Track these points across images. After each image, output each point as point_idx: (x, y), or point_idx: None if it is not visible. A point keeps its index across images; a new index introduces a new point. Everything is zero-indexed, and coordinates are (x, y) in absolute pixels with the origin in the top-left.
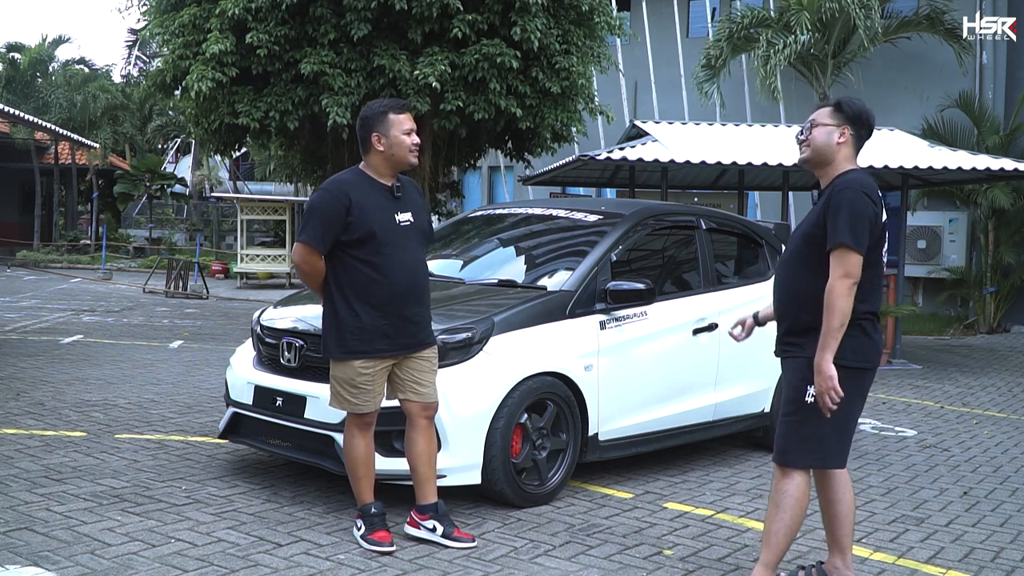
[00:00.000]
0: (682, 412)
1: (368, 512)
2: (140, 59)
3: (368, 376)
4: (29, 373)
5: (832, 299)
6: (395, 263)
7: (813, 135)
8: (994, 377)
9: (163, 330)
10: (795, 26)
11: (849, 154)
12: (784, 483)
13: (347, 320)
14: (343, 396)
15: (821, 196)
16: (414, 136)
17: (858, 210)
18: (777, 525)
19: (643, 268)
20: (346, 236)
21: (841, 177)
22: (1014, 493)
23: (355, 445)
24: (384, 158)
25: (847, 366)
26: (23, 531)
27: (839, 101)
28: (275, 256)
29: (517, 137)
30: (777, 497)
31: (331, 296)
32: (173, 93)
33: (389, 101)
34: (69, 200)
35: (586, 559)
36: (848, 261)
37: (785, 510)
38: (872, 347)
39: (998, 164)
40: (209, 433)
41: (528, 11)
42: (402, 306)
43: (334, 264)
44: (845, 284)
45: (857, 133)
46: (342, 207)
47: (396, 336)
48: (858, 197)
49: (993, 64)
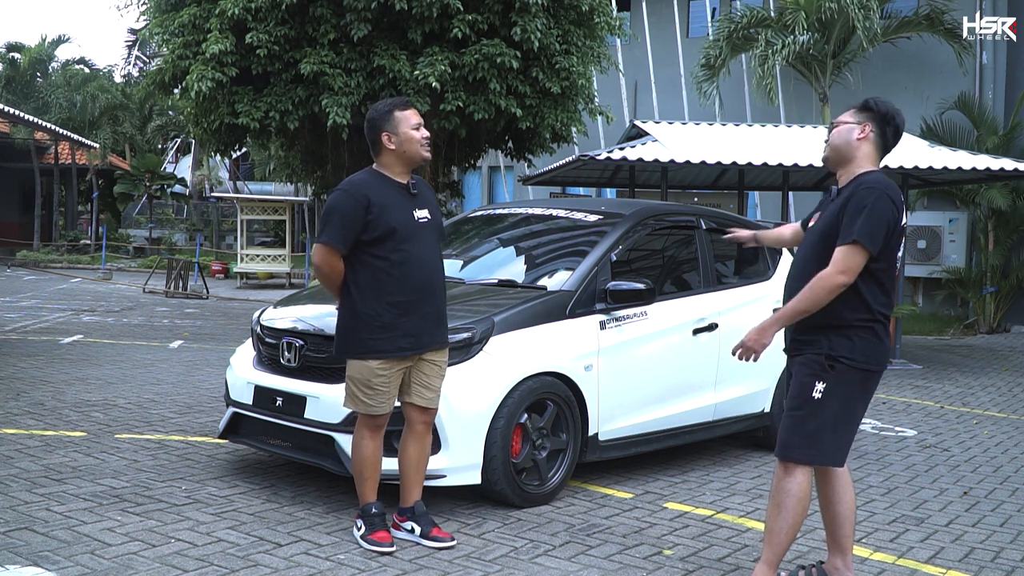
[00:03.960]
0: (682, 412)
1: (369, 512)
2: (140, 59)
3: (384, 377)
4: (29, 373)
5: (818, 287)
6: (415, 259)
7: (833, 134)
8: (994, 377)
9: (163, 330)
10: (794, 26)
11: (870, 153)
12: (786, 481)
13: (368, 319)
14: (358, 397)
15: (839, 194)
16: (423, 130)
17: (879, 212)
18: (779, 524)
19: (643, 268)
20: (366, 235)
21: (865, 176)
22: (1014, 493)
23: (364, 446)
24: (397, 156)
25: (856, 367)
26: (23, 531)
27: (866, 100)
28: (275, 256)
29: (517, 137)
30: (779, 495)
31: (350, 296)
32: (173, 92)
33: (392, 100)
34: (69, 200)
35: (586, 559)
36: (853, 259)
37: (787, 508)
38: (882, 350)
39: (998, 164)
40: (209, 433)
41: (528, 11)
42: (422, 302)
43: (353, 264)
44: (838, 280)
45: (880, 131)
46: (361, 207)
47: (418, 334)
48: (882, 199)
49: (993, 64)
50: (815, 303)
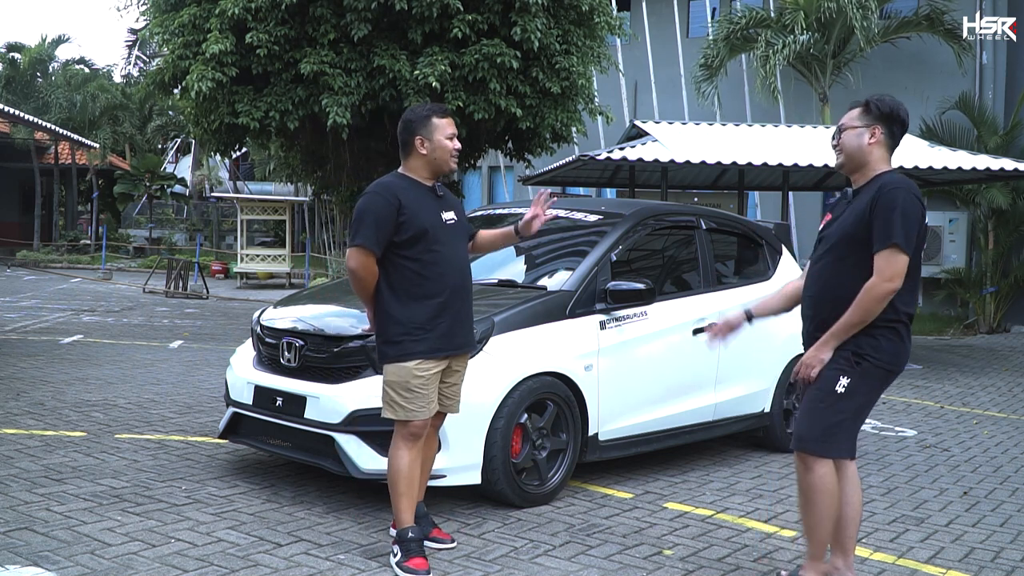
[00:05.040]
0: (682, 412)
1: (405, 537)
2: (140, 59)
3: (423, 379)
4: (29, 373)
5: (868, 298)
6: (445, 260)
7: (843, 139)
8: (994, 377)
9: (163, 330)
10: (793, 26)
11: (883, 154)
12: (809, 477)
13: (403, 321)
14: (397, 402)
15: (857, 195)
16: (456, 141)
17: (909, 212)
18: (813, 519)
19: (643, 268)
20: (398, 236)
21: (886, 177)
22: (1014, 493)
23: (399, 457)
24: (426, 161)
25: (880, 366)
26: (23, 531)
27: (868, 100)
28: (275, 256)
29: (517, 137)
30: (806, 492)
31: (383, 299)
32: (173, 92)
33: (432, 105)
34: (69, 200)
35: (586, 559)
36: (897, 263)
37: (816, 503)
38: (904, 351)
39: (998, 164)
40: (209, 433)
41: (528, 11)
42: (453, 303)
43: (385, 267)
44: (888, 288)
45: (889, 131)
46: (392, 208)
47: (451, 335)
48: (909, 199)
49: (993, 64)
50: (869, 313)
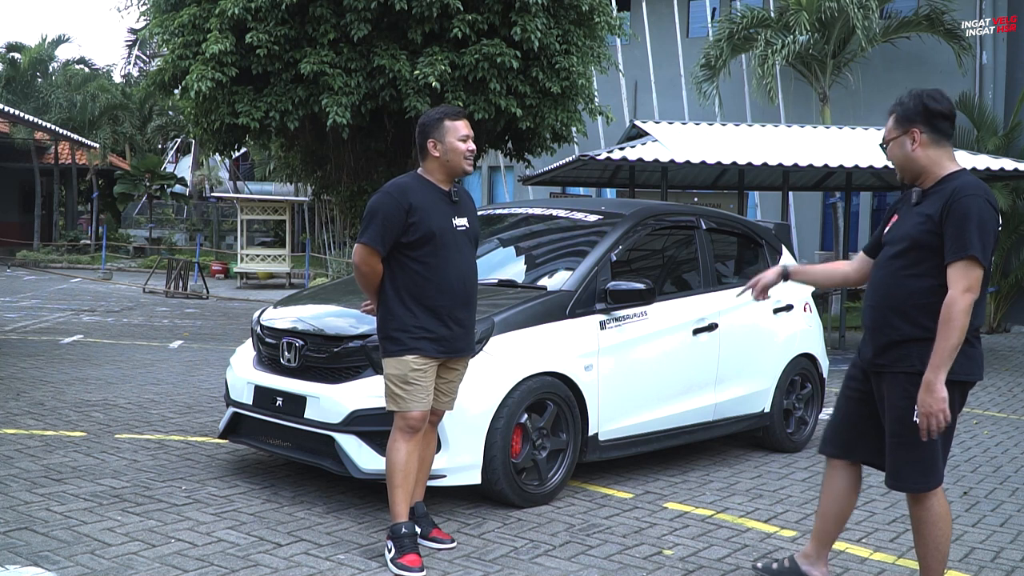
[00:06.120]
0: (682, 412)
1: (399, 533)
2: (140, 59)
3: (421, 372)
4: (29, 373)
5: (953, 314)
6: (451, 266)
7: (890, 153)
8: (994, 377)
9: (163, 330)
10: (794, 26)
11: (937, 153)
12: (918, 511)
13: (404, 320)
14: (395, 393)
15: (926, 198)
16: (470, 143)
17: (985, 220)
18: (930, 554)
19: (643, 268)
20: (406, 238)
21: (957, 180)
22: (1014, 493)
23: (396, 450)
24: (440, 164)
25: (951, 379)
26: (23, 531)
27: (894, 107)
28: (275, 256)
29: (517, 137)
30: (920, 527)
31: (387, 297)
32: (173, 92)
33: (445, 108)
34: (69, 200)
35: (586, 559)
36: (974, 274)
37: (933, 537)
38: (977, 357)
39: (998, 164)
40: (209, 433)
41: (528, 11)
42: (455, 308)
43: (391, 266)
44: (968, 299)
45: (930, 126)
46: (402, 209)
47: (452, 339)
48: (984, 206)
49: (993, 64)
50: (961, 330)
